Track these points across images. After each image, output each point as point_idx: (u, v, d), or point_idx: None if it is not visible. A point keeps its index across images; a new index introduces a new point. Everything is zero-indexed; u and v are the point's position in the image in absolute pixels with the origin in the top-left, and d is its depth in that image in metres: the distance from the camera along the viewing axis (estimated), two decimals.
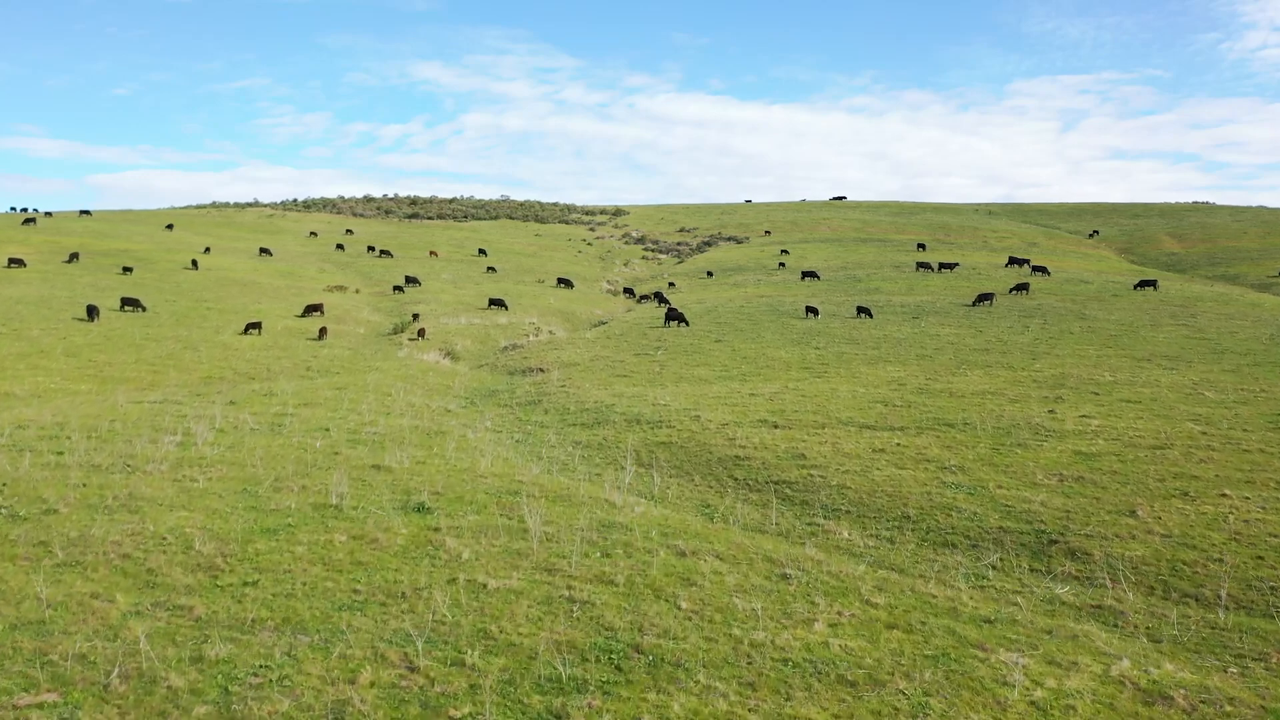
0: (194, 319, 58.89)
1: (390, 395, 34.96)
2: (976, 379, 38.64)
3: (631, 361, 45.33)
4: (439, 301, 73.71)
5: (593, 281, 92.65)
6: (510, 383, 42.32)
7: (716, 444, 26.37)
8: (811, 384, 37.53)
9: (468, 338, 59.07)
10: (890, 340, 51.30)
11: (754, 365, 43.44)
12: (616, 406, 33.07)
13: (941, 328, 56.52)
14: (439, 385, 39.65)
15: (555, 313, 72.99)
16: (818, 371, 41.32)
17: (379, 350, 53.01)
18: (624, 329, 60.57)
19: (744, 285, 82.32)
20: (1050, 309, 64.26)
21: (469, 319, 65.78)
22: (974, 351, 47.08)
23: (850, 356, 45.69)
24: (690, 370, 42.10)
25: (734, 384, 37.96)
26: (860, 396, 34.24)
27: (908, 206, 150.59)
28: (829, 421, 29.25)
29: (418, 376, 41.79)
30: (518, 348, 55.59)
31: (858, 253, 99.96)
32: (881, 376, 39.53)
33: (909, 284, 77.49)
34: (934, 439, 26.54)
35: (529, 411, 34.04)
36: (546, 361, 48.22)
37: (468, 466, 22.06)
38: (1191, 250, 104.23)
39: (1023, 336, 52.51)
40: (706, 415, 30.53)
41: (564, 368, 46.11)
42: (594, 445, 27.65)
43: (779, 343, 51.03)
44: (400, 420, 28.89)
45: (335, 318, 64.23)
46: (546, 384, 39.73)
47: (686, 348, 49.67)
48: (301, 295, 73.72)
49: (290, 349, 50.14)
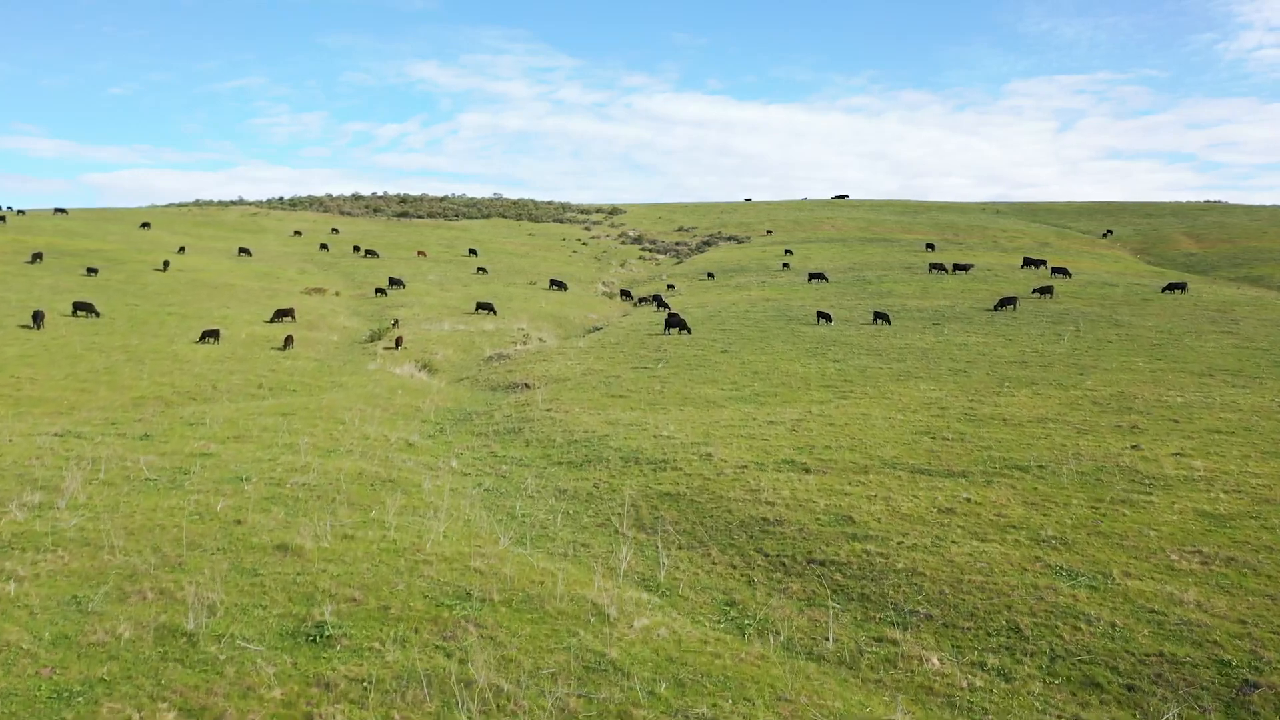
0: (151, 326, 52.92)
1: (343, 423, 29.05)
2: (1026, 400, 32.84)
3: (628, 377, 39.45)
4: (423, 305, 67.78)
5: (587, 283, 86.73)
6: (490, 402, 36.44)
7: (736, 497, 20.52)
8: (838, 407, 31.67)
9: (449, 346, 53.15)
10: (914, 351, 45.47)
11: (767, 382, 37.57)
12: (611, 438, 27.20)
13: (967, 336, 50.70)
14: (406, 407, 33.74)
15: (547, 317, 67.08)
16: (841, 390, 35.46)
17: (349, 361, 47.08)
18: (620, 336, 54.68)
19: (747, 288, 76.45)
20: (1079, 314, 58.49)
21: (453, 325, 59.87)
22: (1010, 365, 41.27)
23: (875, 371, 39.84)
24: (696, 388, 36.24)
25: (748, 407, 32.09)
26: (898, 425, 28.40)
27: (912, 205, 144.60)
28: (870, 462, 23.40)
29: (384, 396, 35.88)
30: (503, 358, 49.70)
31: (864, 253, 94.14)
32: (915, 397, 33.71)
33: (923, 286, 71.67)
34: (1009, 491, 20.71)
35: (507, 443, 28.16)
36: (533, 376, 42.32)
37: (410, 543, 16.17)
38: (1211, 251, 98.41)
39: (1058, 346, 46.71)
40: (720, 453, 24.67)
41: (552, 384, 40.22)
42: (582, 496, 21.78)
43: (792, 354, 45.16)
44: (343, 462, 22.98)
45: (308, 323, 58.30)
46: (531, 405, 33.84)
47: (690, 360, 43.79)
48: (276, 298, 67.77)
49: (248, 361, 44.19)
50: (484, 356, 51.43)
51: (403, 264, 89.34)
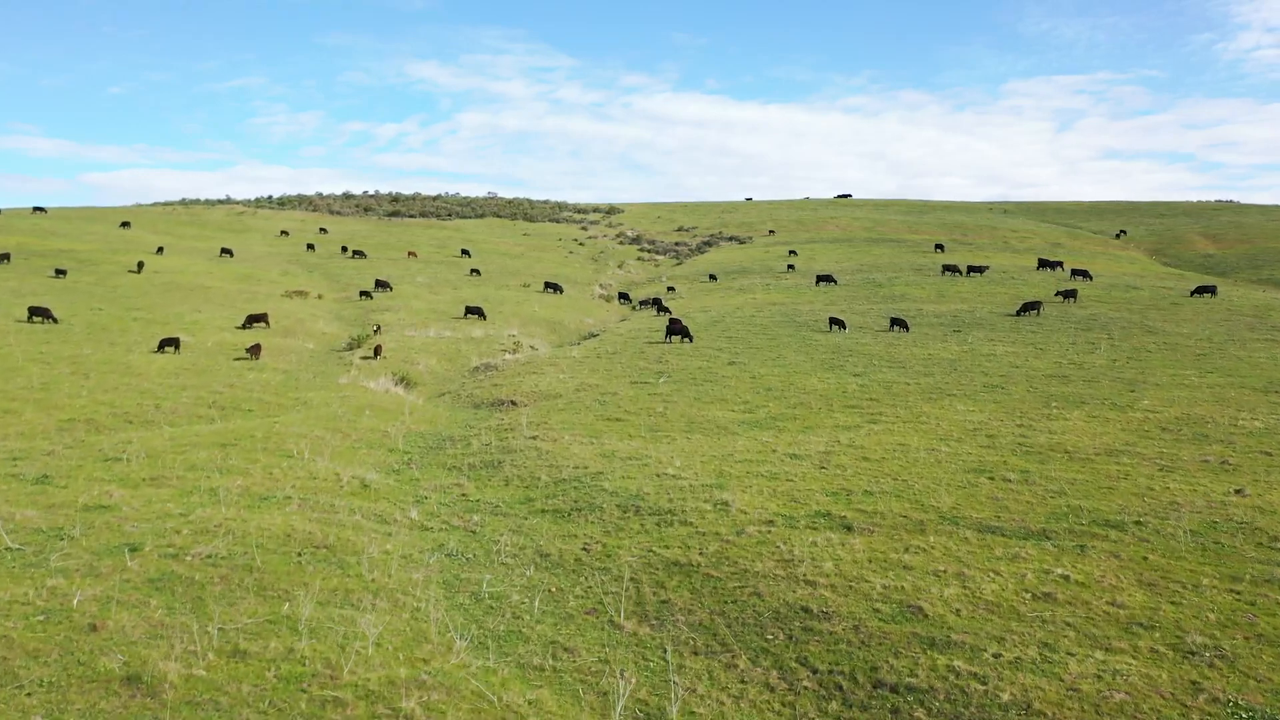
0: (111, 333, 48.14)
1: (290, 457, 24.33)
2: (1082, 425, 28.18)
3: (626, 395, 34.75)
4: (409, 309, 63.04)
5: (584, 285, 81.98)
6: (471, 424, 31.72)
7: (765, 571, 15.84)
8: (869, 435, 26.98)
9: (433, 355, 48.43)
10: (940, 363, 40.81)
11: (783, 401, 32.87)
12: (606, 477, 22.52)
13: (994, 344, 46.06)
14: (372, 432, 29.01)
15: (540, 322, 62.37)
16: (868, 412, 30.75)
17: (320, 373, 42.36)
18: (618, 344, 49.99)
19: (751, 290, 71.73)
20: (1108, 320, 53.88)
21: (439, 331, 55.13)
22: (1050, 380, 36.63)
23: (902, 388, 35.15)
24: (703, 410, 31.53)
25: (764, 435, 27.39)
26: (945, 460, 23.73)
27: (917, 205, 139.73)
28: (926, 516, 18.72)
29: (349, 417, 31.15)
30: (490, 369, 44.97)
31: (871, 254, 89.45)
32: (954, 420, 29.04)
33: (938, 289, 66.98)
34: (1113, 562, 16.05)
35: (484, 481, 23.46)
36: (521, 391, 37.61)
37: (324, 663, 11.49)
38: (1229, 252, 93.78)
39: (1096, 357, 42.09)
40: (738, 499, 20.00)
41: (541, 401, 35.52)
42: (569, 563, 17.10)
43: (806, 366, 40.48)
44: (272, 517, 18.26)
45: (283, 329, 53.55)
46: (514, 430, 29.13)
47: (694, 373, 39.10)
48: (254, 302, 63.05)
49: (207, 373, 39.45)
50: (470, 367, 46.73)
51: (392, 265, 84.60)
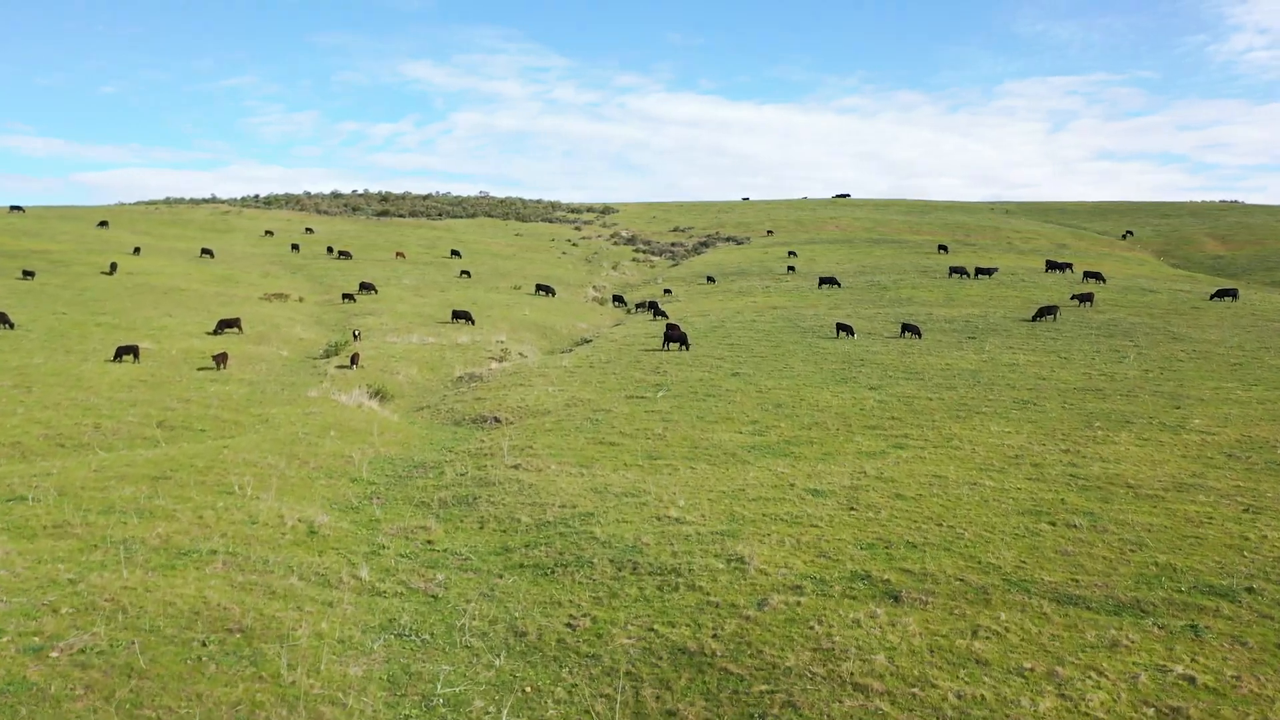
0: (69, 339, 44.47)
1: (231, 492, 20.74)
2: (1134, 450, 24.74)
3: (621, 412, 31.19)
4: (394, 313, 59.43)
5: (577, 287, 78.40)
6: (448, 446, 28.13)
7: (800, 668, 12.32)
8: (898, 464, 23.47)
9: (414, 363, 44.83)
10: (961, 374, 37.36)
11: (796, 420, 29.35)
12: (597, 520, 18.98)
13: (1014, 353, 42.63)
14: (333, 459, 25.42)
15: (530, 327, 58.80)
16: (892, 435, 27.23)
17: (290, 384, 38.73)
18: (611, 352, 46.45)
19: (751, 293, 68.23)
20: (1129, 326, 50.51)
21: (422, 337, 51.53)
22: (1084, 394, 33.20)
23: (924, 404, 31.66)
24: (707, 431, 27.98)
25: (779, 464, 23.85)
26: (992, 498, 20.24)
27: (917, 205, 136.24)
28: (988, 578, 15.22)
29: (311, 439, 27.54)
30: (475, 380, 41.39)
31: (873, 255, 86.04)
32: (991, 445, 25.56)
33: (946, 293, 63.55)
34: (1243, 655, 12.57)
35: (455, 523, 19.90)
36: (505, 406, 34.04)
37: None
38: (1239, 253, 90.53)
39: (1125, 367, 38.68)
40: (756, 554, 16.48)
41: (527, 419, 31.96)
42: (549, 647, 13.56)
43: (816, 377, 36.98)
44: (185, 584, 14.68)
45: (257, 335, 49.91)
46: (495, 455, 25.57)
47: (695, 386, 35.58)
48: (230, 305, 59.43)
49: (163, 386, 35.83)
50: (453, 376, 43.14)
51: (378, 266, 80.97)
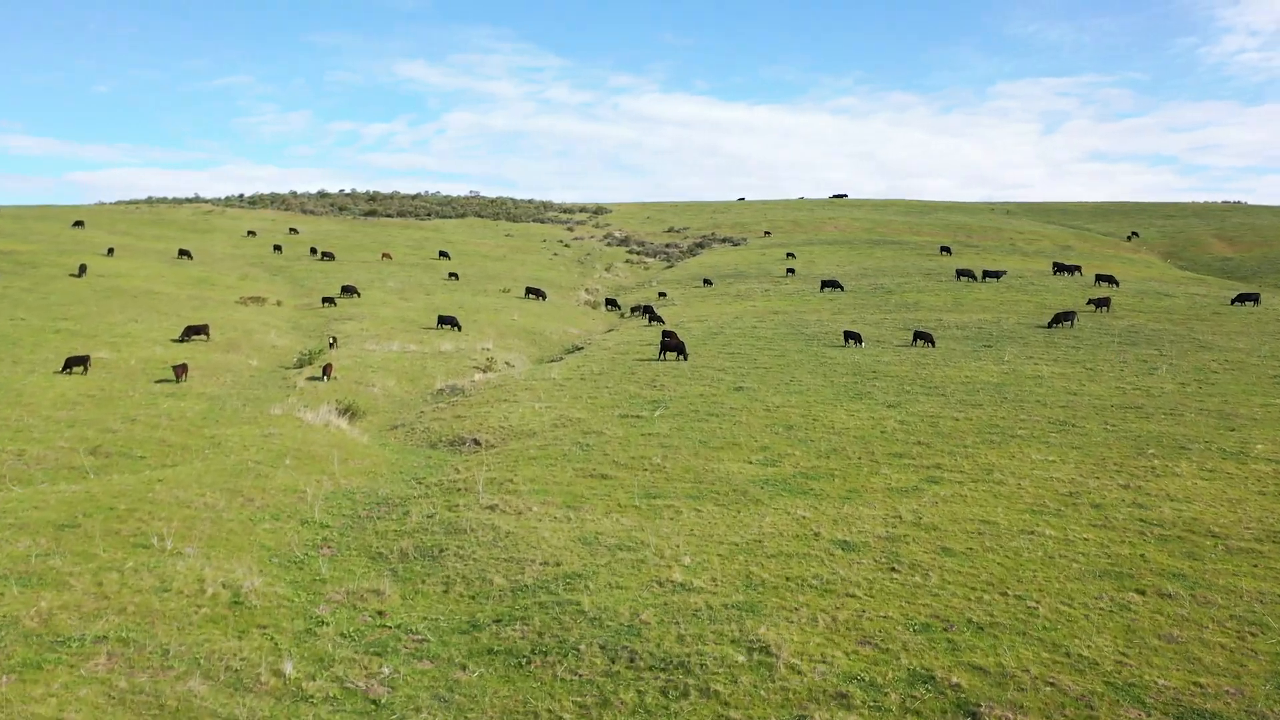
0: (20, 348, 40.84)
1: (148, 547, 17.26)
2: (1203, 485, 21.46)
3: (614, 435, 27.74)
4: (375, 318, 55.89)
5: (568, 290, 74.90)
6: (419, 477, 24.68)
7: None
8: (936, 505, 20.09)
9: (392, 374, 41.34)
10: (984, 389, 34.03)
11: (810, 446, 25.96)
12: (586, 585, 15.58)
13: (1035, 364, 39.33)
14: (285, 494, 21.94)
15: (519, 333, 55.32)
16: (923, 465, 23.85)
17: (254, 399, 35.22)
18: (604, 361, 43.02)
19: (750, 297, 64.84)
20: (1152, 333, 47.30)
21: (403, 344, 47.98)
22: (1123, 412, 29.93)
23: (950, 424, 28.30)
24: (712, 459, 24.56)
25: (798, 504, 20.45)
26: (1060, 557, 16.88)
27: (917, 205, 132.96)
28: (1086, 684, 11.86)
29: (263, 469, 24.05)
30: (456, 393, 37.92)
31: (873, 256, 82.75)
32: (1038, 478, 22.22)
33: (954, 297, 60.26)
34: None
35: (415, 585, 16.47)
36: (487, 426, 30.58)
37: None
38: (1248, 255, 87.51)
39: (1158, 380, 35.43)
40: (785, 642, 13.10)
41: (510, 441, 28.51)
42: None
43: (828, 392, 33.61)
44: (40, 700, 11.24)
45: (227, 342, 46.34)
46: (470, 491, 22.12)
47: (696, 403, 32.17)
48: (203, 309, 55.80)
49: (111, 402, 32.28)
50: (434, 389, 39.65)
51: (363, 269, 77.33)
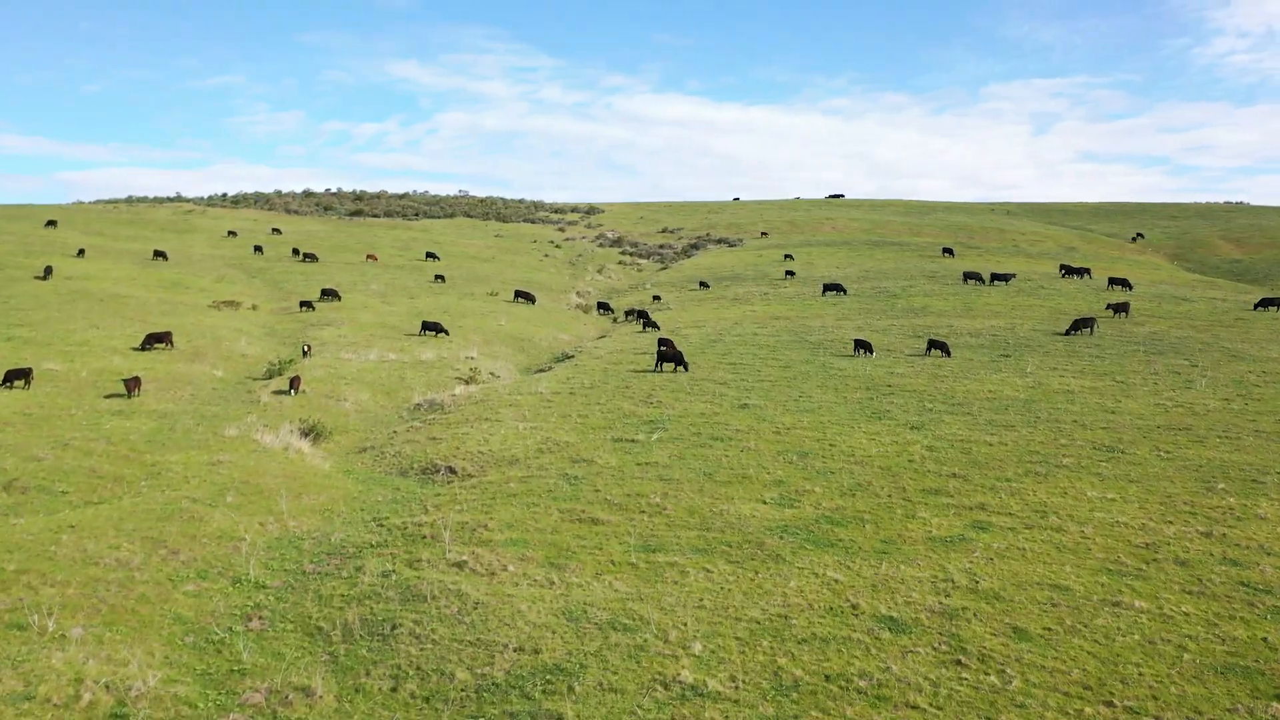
0: None
1: (23, 628, 13.89)
2: None
3: (606, 465, 24.39)
4: (355, 323, 52.39)
5: (559, 293, 71.49)
6: (380, 515, 21.31)
7: None
8: (991, 563, 16.81)
9: (367, 386, 37.93)
10: (1013, 406, 30.77)
11: (830, 480, 22.65)
12: (569, 684, 12.31)
13: (1062, 376, 36.13)
14: (218, 543, 18.54)
15: (506, 340, 51.93)
16: (964, 506, 20.56)
17: (209, 418, 31.77)
18: (596, 374, 39.67)
19: (749, 301, 61.55)
20: (1177, 341, 44.18)
21: (382, 352, 44.53)
22: (1171, 434, 26.73)
23: (984, 451, 25.02)
24: (719, 499, 21.23)
25: (825, 558, 17.15)
26: (1160, 641, 13.67)
27: (915, 205, 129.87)
28: None
29: (196, 510, 20.64)
30: (435, 408, 34.54)
31: (874, 258, 79.56)
32: (1103, 524, 18.98)
33: (963, 301, 57.04)
34: None
35: (352, 684, 13.15)
36: (464, 451, 27.19)
37: None
38: (1257, 257, 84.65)
39: (1198, 395, 32.25)
40: None
41: (488, 470, 25.14)
42: None
43: (841, 410, 30.30)
44: None
45: (192, 351, 42.84)
46: (437, 539, 18.76)
47: (697, 423, 28.83)
48: (172, 314, 52.26)
49: (47, 422, 28.80)
50: (411, 403, 36.26)
51: (346, 270, 73.74)
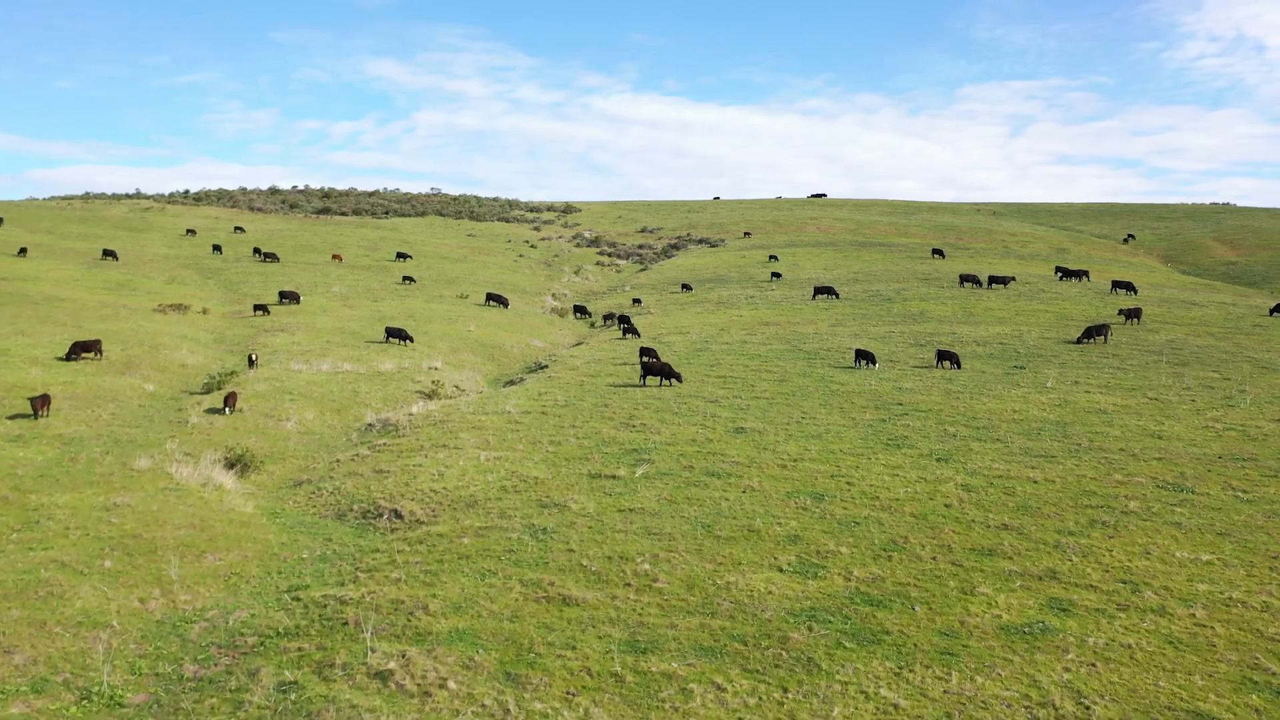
0: None
1: None
2: None
3: (582, 512, 20.12)
4: (311, 329, 47.78)
5: (533, 295, 67.10)
6: (299, 583, 16.97)
7: None
8: (1094, 674, 12.75)
9: (314, 403, 33.47)
10: (1045, 429, 26.80)
11: (857, 535, 18.52)
12: None
13: (1087, 391, 32.26)
14: (75, 629, 14.14)
15: (475, 347, 47.53)
16: (1030, 575, 16.49)
17: (124, 443, 27.20)
18: (572, 387, 35.40)
19: (735, 305, 57.46)
20: (1198, 350, 40.54)
21: (337, 363, 39.99)
22: (1238, 466, 22.90)
23: (1030, 492, 20.99)
24: (724, 565, 17.03)
25: (876, 668, 13.02)
26: None
27: (900, 205, 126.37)
28: None
29: (62, 583, 16.19)
30: (389, 429, 30.12)
31: (863, 259, 75.79)
32: (1217, 603, 15.02)
33: (963, 306, 53.26)
34: None
35: None
36: (414, 490, 22.80)
37: None
38: (1253, 259, 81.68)
39: (1245, 416, 28.46)
40: None
41: (440, 516, 20.81)
42: None
43: (852, 436, 26.19)
44: None
45: (124, 362, 38.16)
46: (358, 630, 14.46)
47: (687, 452, 24.61)
48: (113, 319, 47.50)
49: None
50: (363, 422, 31.82)
51: (309, 271, 68.97)
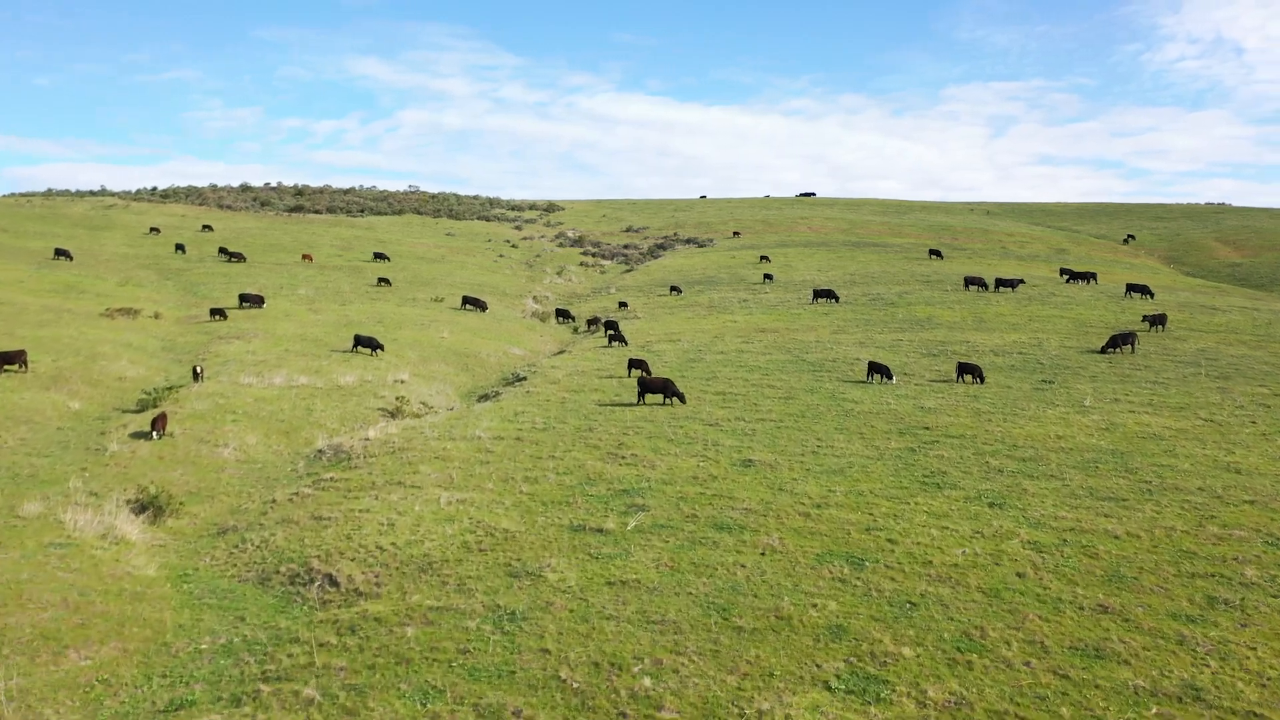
0: None
1: None
2: None
3: (560, 588, 15.87)
4: (270, 336, 43.29)
5: (514, 298, 62.69)
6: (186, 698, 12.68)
7: None
8: None
9: (261, 424, 29.06)
10: (1103, 460, 22.77)
11: (918, 624, 14.43)
12: None
13: (1132, 411, 28.28)
14: None
15: (448, 356, 43.15)
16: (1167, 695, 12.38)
17: (24, 478, 22.76)
18: (552, 406, 31.08)
19: (728, 309, 53.29)
20: (1236, 361, 36.75)
21: (292, 375, 35.55)
22: None
23: (1115, 551, 16.94)
24: (751, 680, 12.84)
25: None
26: None
27: (892, 205, 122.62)
28: None
29: None
30: (339, 459, 25.74)
31: (857, 260, 71.83)
32: None
33: (972, 311, 49.30)
34: None
35: None
36: (357, 543, 18.46)
37: None
38: (1257, 260, 78.42)
39: None
40: None
41: (385, 581, 16.53)
42: None
43: (879, 470, 22.08)
44: None
45: (51, 375, 33.71)
46: None
47: (688, 493, 20.39)
48: (53, 325, 43.07)
49: None
50: (313, 448, 27.42)
51: (276, 272, 64.27)
